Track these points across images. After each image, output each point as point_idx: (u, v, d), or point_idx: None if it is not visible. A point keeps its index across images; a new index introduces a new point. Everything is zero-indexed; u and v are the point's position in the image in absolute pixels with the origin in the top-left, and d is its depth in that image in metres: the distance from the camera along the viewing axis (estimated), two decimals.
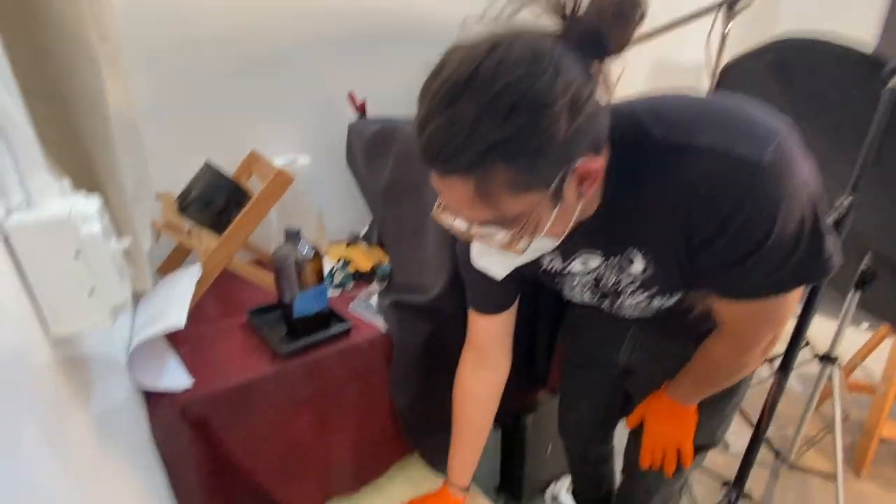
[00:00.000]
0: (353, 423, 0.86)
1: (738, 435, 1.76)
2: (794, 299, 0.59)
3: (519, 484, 1.38)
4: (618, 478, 1.13)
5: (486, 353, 0.81)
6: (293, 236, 0.74)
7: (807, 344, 1.79)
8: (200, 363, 0.74)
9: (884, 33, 2.12)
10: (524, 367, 0.86)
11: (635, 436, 0.92)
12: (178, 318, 0.62)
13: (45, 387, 0.36)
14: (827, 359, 1.33)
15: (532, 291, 0.80)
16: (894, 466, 1.59)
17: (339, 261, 1.02)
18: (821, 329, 1.57)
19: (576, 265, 0.66)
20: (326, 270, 0.95)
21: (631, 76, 0.50)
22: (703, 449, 0.85)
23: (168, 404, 0.66)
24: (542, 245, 0.53)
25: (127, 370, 0.64)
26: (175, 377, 0.69)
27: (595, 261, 0.64)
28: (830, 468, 1.54)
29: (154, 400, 0.67)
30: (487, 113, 0.40)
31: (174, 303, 0.66)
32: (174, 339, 0.80)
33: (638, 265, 0.60)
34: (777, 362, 1.03)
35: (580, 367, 0.98)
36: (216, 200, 0.83)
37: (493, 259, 0.65)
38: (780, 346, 0.74)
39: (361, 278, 1.00)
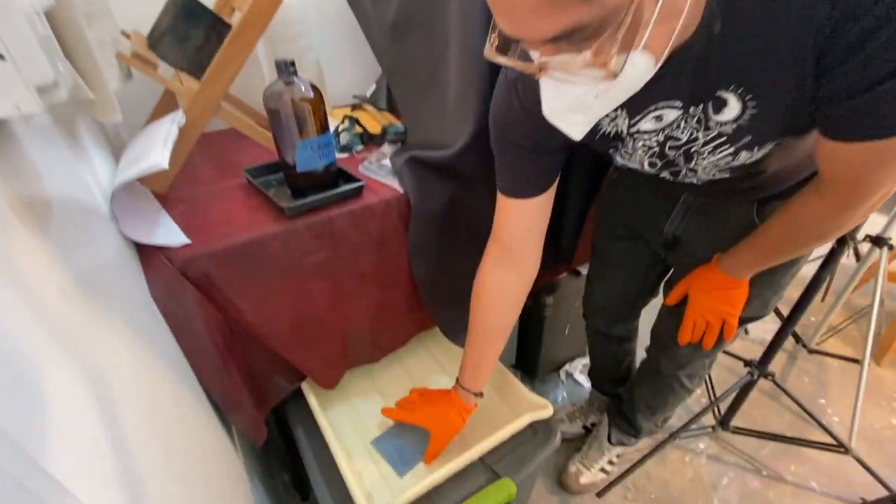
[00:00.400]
0: (370, 292, 0.81)
1: (758, 323, 1.74)
2: None
3: (535, 362, 1.39)
4: (639, 357, 1.12)
5: (514, 250, 0.72)
6: (286, 69, 0.60)
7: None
8: (197, 223, 0.66)
9: None
10: (549, 243, 0.77)
11: (669, 311, 0.87)
12: (159, 158, 0.53)
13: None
14: (879, 240, 1.22)
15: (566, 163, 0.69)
16: None
17: (344, 120, 0.89)
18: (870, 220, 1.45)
19: (646, 122, 0.55)
20: (331, 129, 0.82)
21: None
22: (750, 321, 0.79)
23: (165, 261, 0.60)
24: (637, 70, 0.40)
25: (112, 221, 0.56)
26: (169, 233, 0.62)
27: (672, 114, 0.52)
28: (850, 354, 1.53)
29: (148, 258, 0.60)
30: None
31: (155, 144, 0.56)
32: (166, 201, 0.72)
33: (731, 110, 0.49)
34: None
35: (618, 239, 0.90)
36: (192, 36, 0.69)
37: (571, 115, 0.49)
38: None
39: (371, 141, 0.88)
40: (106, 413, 0.31)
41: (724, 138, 0.52)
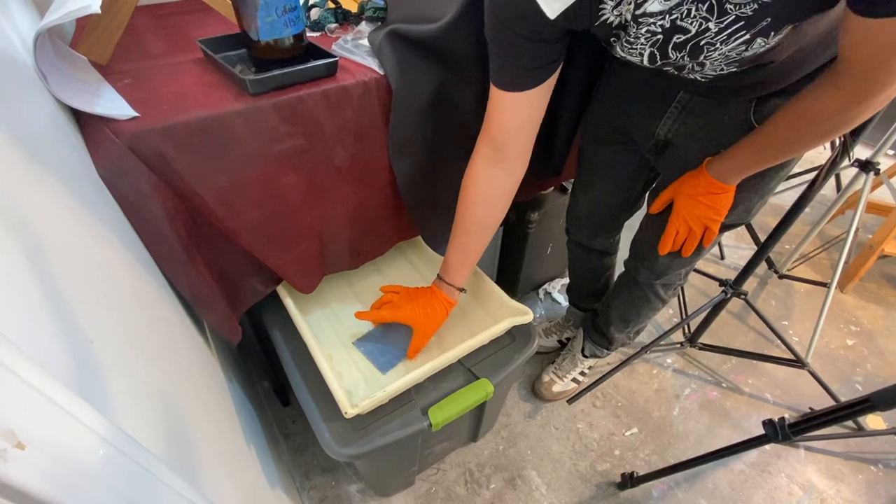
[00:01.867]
0: (348, 190, 0.75)
1: (733, 248, 1.77)
2: None
3: (515, 280, 1.40)
4: (617, 271, 1.12)
5: (505, 147, 0.68)
6: None
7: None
8: (147, 97, 0.58)
9: None
10: (540, 153, 0.74)
11: (651, 221, 0.85)
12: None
13: None
14: (867, 165, 1.21)
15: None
16: (879, 283, 1.64)
17: None
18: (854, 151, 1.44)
19: (654, 3, 0.49)
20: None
21: None
22: (732, 227, 0.78)
23: (111, 135, 0.52)
24: None
25: (40, 79, 0.48)
26: (114, 103, 0.54)
27: None
28: (818, 279, 1.58)
29: (92, 132, 0.53)
30: None
31: None
32: (108, 73, 0.62)
33: None
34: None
35: (607, 144, 0.86)
36: None
37: None
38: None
39: (346, 19, 0.77)
40: (31, 258, 0.26)
41: (741, 23, 0.48)
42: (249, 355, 1.27)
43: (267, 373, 1.26)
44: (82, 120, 0.54)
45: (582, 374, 1.24)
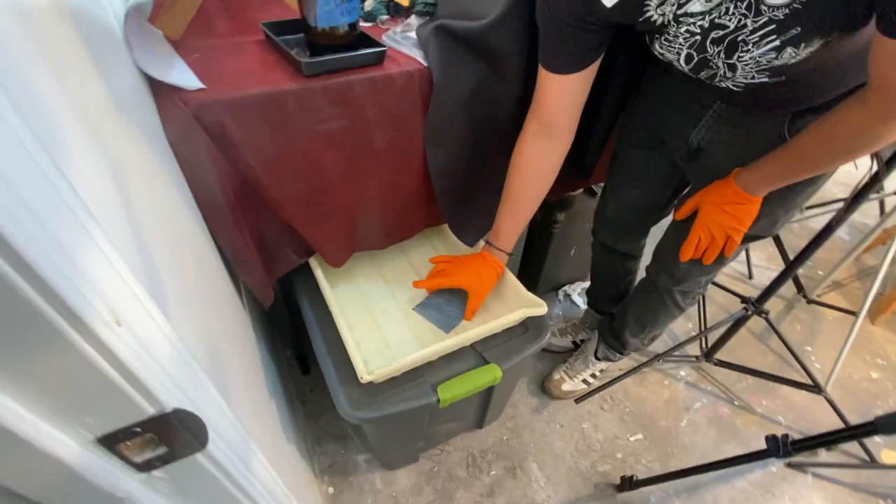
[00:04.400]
0: (383, 173, 0.80)
1: (763, 269, 1.74)
2: None
3: (536, 278, 1.42)
4: (639, 277, 1.13)
5: (551, 124, 0.73)
6: None
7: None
8: (212, 72, 0.64)
9: None
10: (571, 157, 0.79)
11: (676, 228, 0.87)
12: None
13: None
14: None
15: (602, 66, 0.70)
16: None
17: None
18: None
19: (695, 3, 0.53)
20: None
21: None
22: (752, 240, 0.79)
23: (180, 103, 0.59)
24: None
25: (127, 48, 0.54)
26: (184, 75, 0.60)
27: None
28: (848, 307, 1.54)
29: (164, 99, 0.59)
30: None
31: None
32: (180, 48, 0.69)
33: None
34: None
35: (640, 148, 0.88)
36: None
37: None
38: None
39: (398, 12, 0.82)
40: (122, 193, 0.32)
41: (773, 26, 0.50)
42: (276, 325, 1.34)
43: (291, 342, 1.34)
44: (156, 88, 0.60)
45: (593, 376, 1.26)
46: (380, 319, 0.91)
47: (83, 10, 0.42)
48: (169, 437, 0.25)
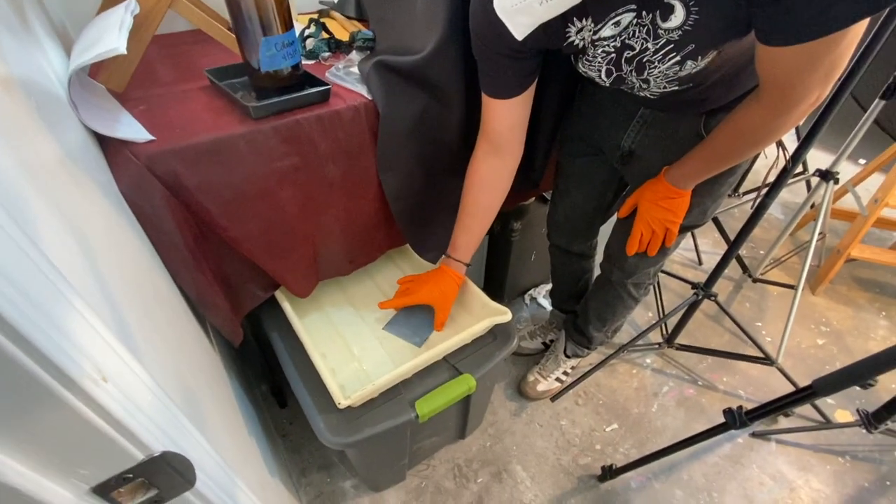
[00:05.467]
0: (340, 203, 0.83)
1: (710, 254, 1.86)
2: (848, 47, 0.51)
3: (501, 286, 1.47)
4: (595, 274, 1.20)
5: (500, 144, 0.79)
6: None
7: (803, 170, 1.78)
8: (160, 122, 0.66)
9: None
10: (519, 170, 0.85)
11: (621, 225, 0.94)
12: (116, 42, 0.51)
13: None
14: (827, 174, 1.30)
15: (538, 87, 0.76)
16: (848, 286, 1.72)
17: (309, 24, 0.87)
18: (819, 160, 1.54)
19: (607, 29, 0.60)
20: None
21: None
22: (689, 229, 0.87)
23: (131, 156, 0.60)
24: None
25: (72, 109, 0.55)
26: (132, 128, 0.62)
27: (628, 17, 0.57)
28: (790, 283, 1.66)
29: (113, 153, 0.60)
30: None
31: (110, 31, 0.54)
32: (124, 100, 0.70)
33: (677, 17, 0.54)
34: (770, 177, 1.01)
35: (579, 156, 0.96)
36: None
37: (517, 15, 0.59)
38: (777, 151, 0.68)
39: (338, 48, 0.86)
40: (85, 251, 0.34)
41: (671, 45, 0.57)
42: (248, 362, 1.33)
43: (265, 376, 1.32)
44: (105, 143, 0.61)
45: (565, 373, 1.31)
46: (352, 344, 0.93)
47: (28, 79, 0.44)
48: (159, 479, 0.27)
